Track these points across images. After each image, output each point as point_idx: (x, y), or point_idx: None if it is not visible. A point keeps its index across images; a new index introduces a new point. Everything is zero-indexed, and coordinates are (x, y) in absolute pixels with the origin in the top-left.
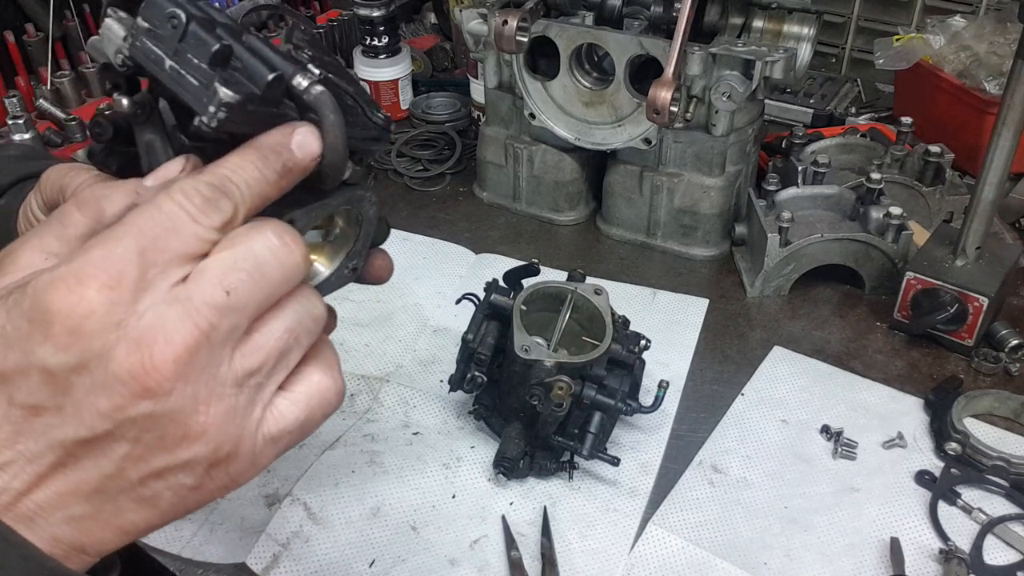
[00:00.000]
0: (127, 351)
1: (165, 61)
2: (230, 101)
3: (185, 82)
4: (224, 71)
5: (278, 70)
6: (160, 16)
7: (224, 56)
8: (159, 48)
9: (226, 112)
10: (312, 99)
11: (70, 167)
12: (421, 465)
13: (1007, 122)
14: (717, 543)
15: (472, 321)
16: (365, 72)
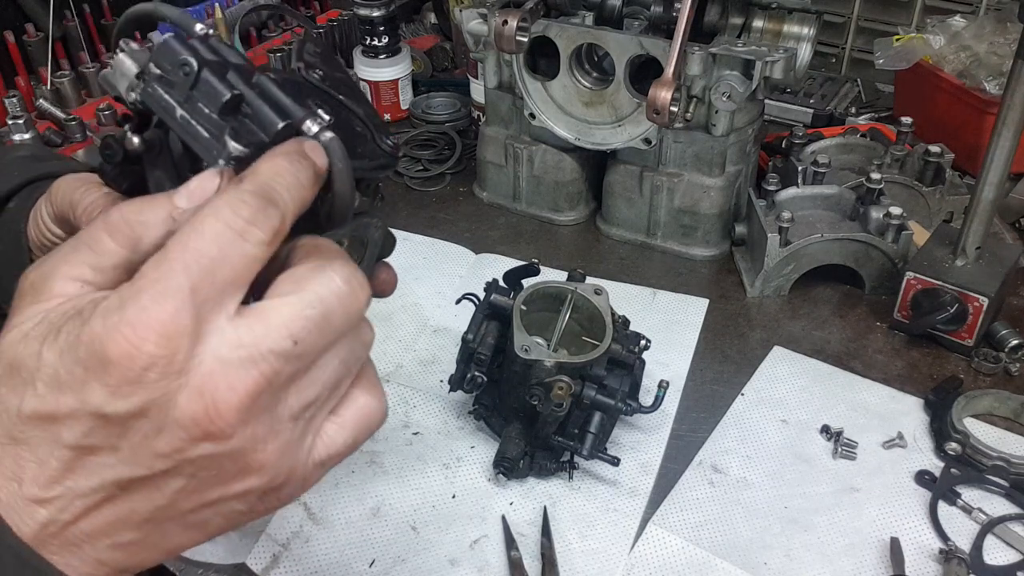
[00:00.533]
0: (189, 399)
1: (176, 110)
2: (240, 155)
3: (195, 132)
4: (235, 119)
5: (288, 116)
6: (172, 62)
7: (235, 105)
8: (170, 96)
9: (235, 165)
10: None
11: (81, 181)
12: (421, 465)
13: (1007, 122)
14: (717, 543)
15: (472, 321)
16: (365, 72)
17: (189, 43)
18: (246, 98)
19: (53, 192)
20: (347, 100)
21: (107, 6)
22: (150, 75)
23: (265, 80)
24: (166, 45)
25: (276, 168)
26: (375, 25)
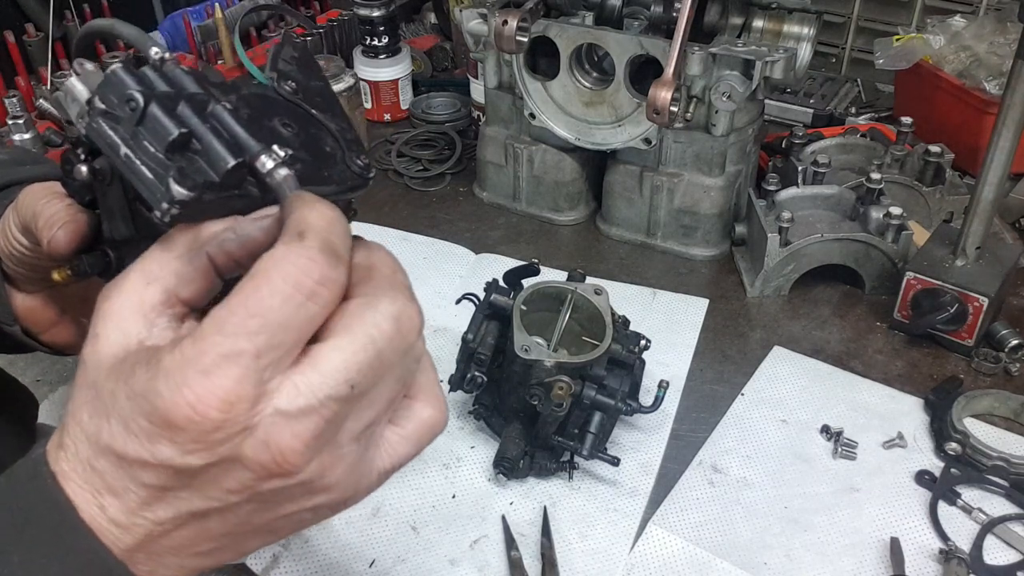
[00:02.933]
0: (255, 450)
1: (120, 148)
2: (183, 199)
3: (139, 171)
4: (182, 158)
5: (242, 152)
6: (119, 96)
7: (182, 144)
8: (115, 133)
9: (179, 209)
10: (275, 184)
11: (45, 192)
12: (421, 465)
13: (1007, 122)
14: (717, 543)
15: (472, 321)
16: (365, 72)
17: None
18: (196, 134)
19: (19, 202)
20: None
21: (107, 6)
22: (95, 109)
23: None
24: (113, 77)
25: (328, 218)
26: (375, 25)
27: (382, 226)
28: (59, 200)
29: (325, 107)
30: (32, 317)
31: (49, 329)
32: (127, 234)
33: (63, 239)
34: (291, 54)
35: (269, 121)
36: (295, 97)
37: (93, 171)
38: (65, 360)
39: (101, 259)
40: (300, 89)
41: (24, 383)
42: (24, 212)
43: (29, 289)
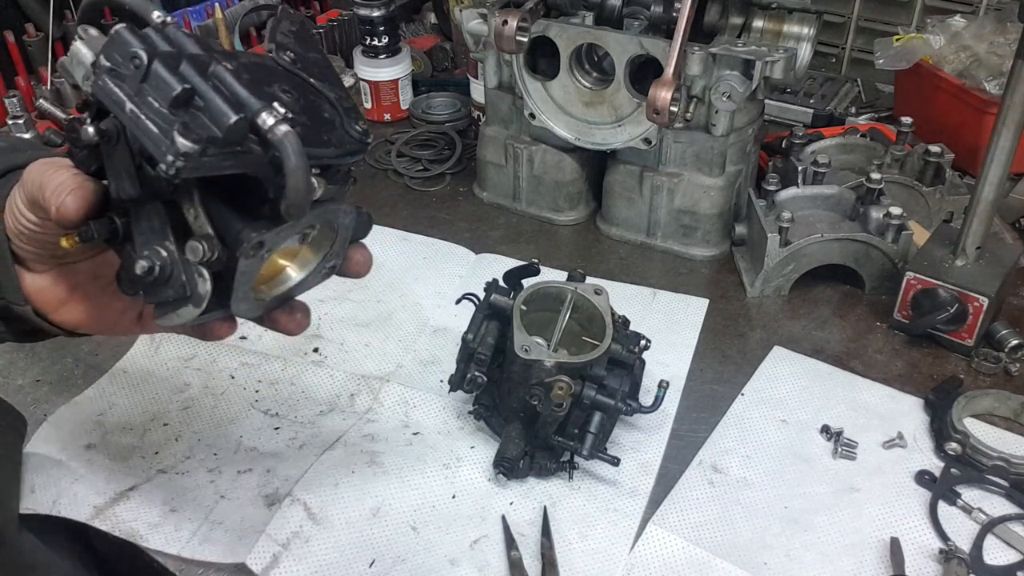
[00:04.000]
0: None
1: (126, 104)
2: (188, 151)
3: (144, 126)
4: (186, 113)
5: (243, 108)
6: (123, 54)
7: (185, 99)
8: (120, 89)
9: (184, 161)
10: (276, 140)
11: (49, 164)
12: (421, 465)
13: (1007, 122)
14: (717, 543)
15: (472, 321)
16: (365, 72)
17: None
18: (199, 91)
19: (24, 178)
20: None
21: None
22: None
23: (222, 71)
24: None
25: None
26: (375, 25)
27: (382, 226)
28: (65, 169)
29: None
30: (42, 297)
31: (59, 308)
32: (133, 194)
33: (72, 205)
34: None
35: (269, 87)
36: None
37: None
38: (64, 360)
39: (108, 225)
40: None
41: (23, 383)
42: (31, 186)
43: (38, 268)
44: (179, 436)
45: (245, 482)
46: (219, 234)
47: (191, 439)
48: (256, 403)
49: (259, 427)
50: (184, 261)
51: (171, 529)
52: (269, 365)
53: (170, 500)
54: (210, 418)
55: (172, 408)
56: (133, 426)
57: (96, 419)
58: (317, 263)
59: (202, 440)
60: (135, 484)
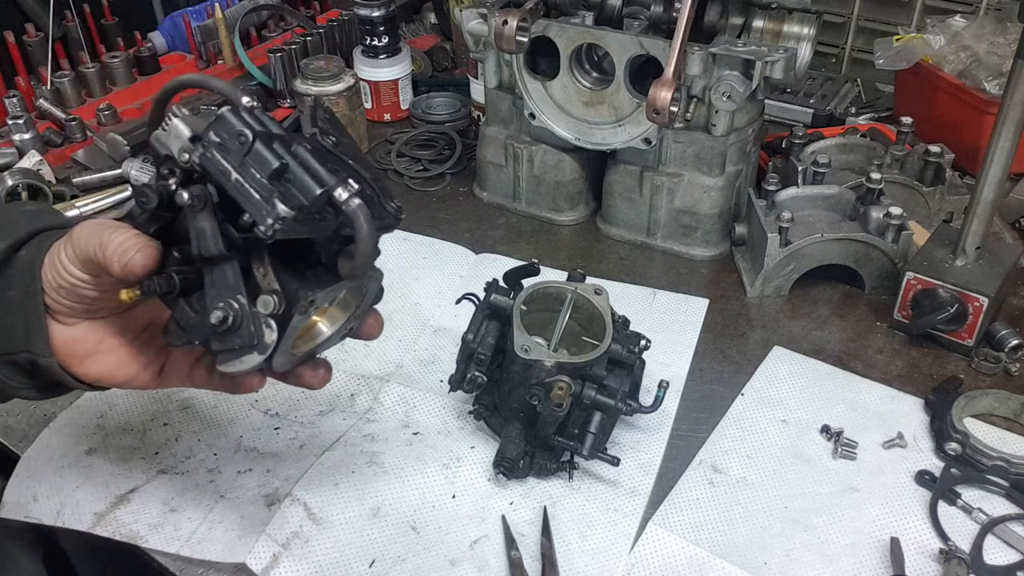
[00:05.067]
0: None
1: (231, 174)
2: (286, 216)
3: (247, 193)
4: (280, 184)
5: (324, 184)
6: (230, 132)
7: (280, 173)
8: (227, 161)
9: (281, 224)
10: (350, 211)
11: (101, 225)
12: (421, 465)
13: (1007, 122)
14: (717, 543)
15: (472, 321)
16: (365, 72)
17: (241, 115)
18: (290, 166)
19: (75, 237)
20: (356, 165)
21: (107, 6)
22: (209, 142)
23: (302, 150)
24: (225, 117)
25: None
26: (375, 25)
27: None
28: (123, 230)
29: (358, 160)
30: (69, 348)
31: (83, 361)
32: (215, 252)
33: (140, 262)
34: (323, 115)
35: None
36: (336, 150)
37: (192, 196)
38: None
39: (168, 280)
40: (338, 144)
41: None
42: (85, 245)
43: (69, 321)
44: (179, 436)
45: (245, 482)
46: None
47: (191, 439)
48: (256, 403)
49: (259, 427)
50: (254, 313)
51: (171, 529)
52: None
53: (170, 500)
54: (210, 418)
55: (172, 408)
56: (133, 427)
57: (97, 421)
58: (343, 323)
59: (202, 440)
60: (136, 486)
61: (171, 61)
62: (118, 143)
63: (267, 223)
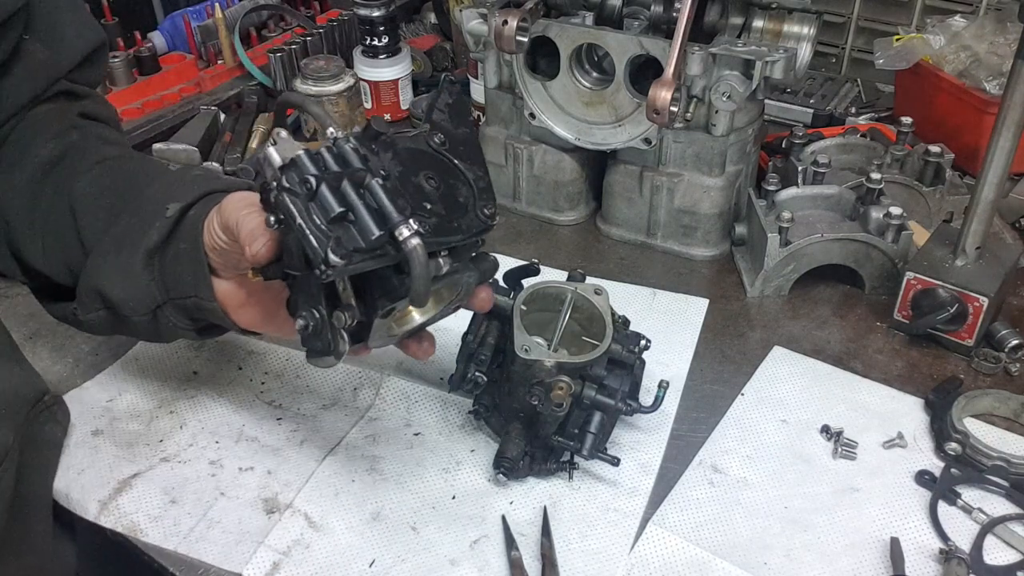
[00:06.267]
0: None
1: (296, 218)
2: (335, 264)
3: (307, 239)
4: (340, 228)
5: (386, 222)
6: (299, 176)
7: (340, 218)
8: (293, 205)
9: (332, 271)
10: (408, 250)
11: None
12: (421, 470)
13: (1007, 122)
14: (717, 543)
15: (472, 321)
16: (365, 72)
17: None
18: (353, 209)
19: (223, 207)
20: (461, 164)
21: (107, 6)
22: (281, 187)
23: (374, 185)
24: (297, 160)
25: None
26: (375, 25)
27: None
28: (258, 214)
29: (467, 155)
30: (225, 299)
31: (237, 310)
32: (298, 269)
33: (262, 253)
34: (446, 101)
35: (416, 176)
36: (442, 148)
37: (278, 220)
38: (65, 360)
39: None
40: (447, 139)
41: None
42: (228, 216)
43: (225, 275)
44: (184, 424)
45: (245, 481)
46: (360, 296)
47: (195, 427)
48: (261, 394)
49: (262, 417)
50: (331, 324)
51: (170, 523)
52: (275, 357)
53: (171, 491)
54: (215, 406)
55: (179, 396)
56: (140, 413)
57: (105, 404)
58: (440, 310)
59: (205, 428)
60: (138, 471)
61: (171, 61)
62: None
63: (320, 268)
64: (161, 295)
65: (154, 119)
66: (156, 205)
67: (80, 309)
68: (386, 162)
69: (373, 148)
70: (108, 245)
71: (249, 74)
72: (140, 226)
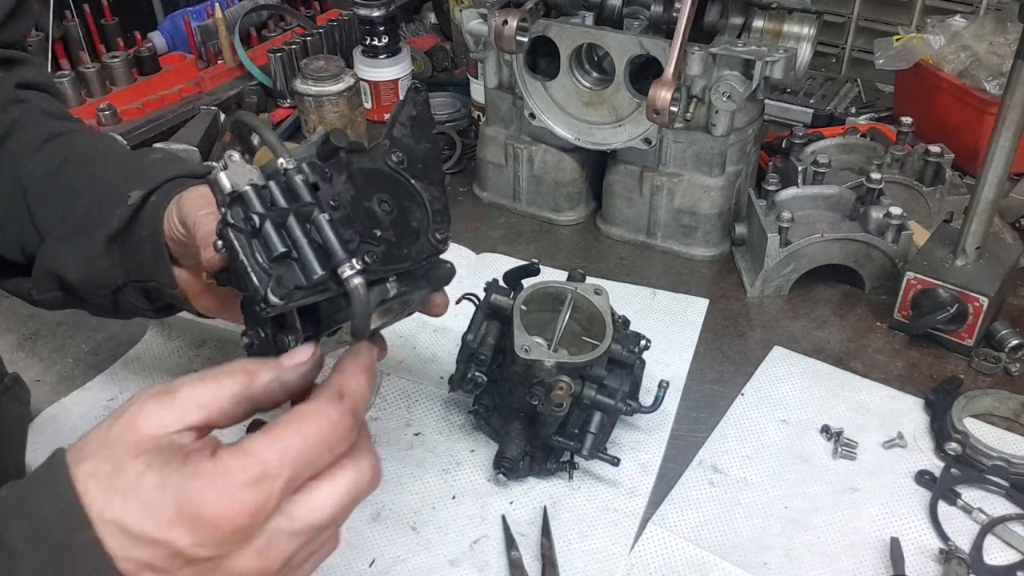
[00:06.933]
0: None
1: (239, 255)
2: (274, 303)
3: (248, 277)
4: (281, 266)
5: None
6: (243, 214)
7: (283, 257)
8: (236, 241)
9: (271, 310)
10: (349, 290)
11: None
12: (420, 471)
13: (1007, 122)
14: (717, 543)
15: (472, 321)
16: (365, 72)
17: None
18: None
19: (182, 202)
20: (418, 184)
21: (107, 6)
22: (224, 221)
23: (321, 220)
24: (244, 198)
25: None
26: (375, 25)
27: None
28: (213, 217)
29: (425, 174)
30: (185, 285)
31: (196, 296)
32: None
33: (214, 262)
34: (410, 113)
35: (368, 201)
36: (399, 168)
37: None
38: (65, 360)
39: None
40: (406, 156)
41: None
42: (186, 213)
43: (183, 263)
44: None
45: None
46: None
47: None
48: None
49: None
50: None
51: None
52: None
53: None
54: None
55: None
56: None
57: (106, 404)
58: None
59: None
60: None
61: (171, 61)
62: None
63: (260, 306)
64: (122, 278)
65: (154, 119)
66: (116, 191)
67: (35, 289)
68: (339, 186)
69: (327, 172)
70: (65, 229)
71: (249, 74)
72: (99, 211)
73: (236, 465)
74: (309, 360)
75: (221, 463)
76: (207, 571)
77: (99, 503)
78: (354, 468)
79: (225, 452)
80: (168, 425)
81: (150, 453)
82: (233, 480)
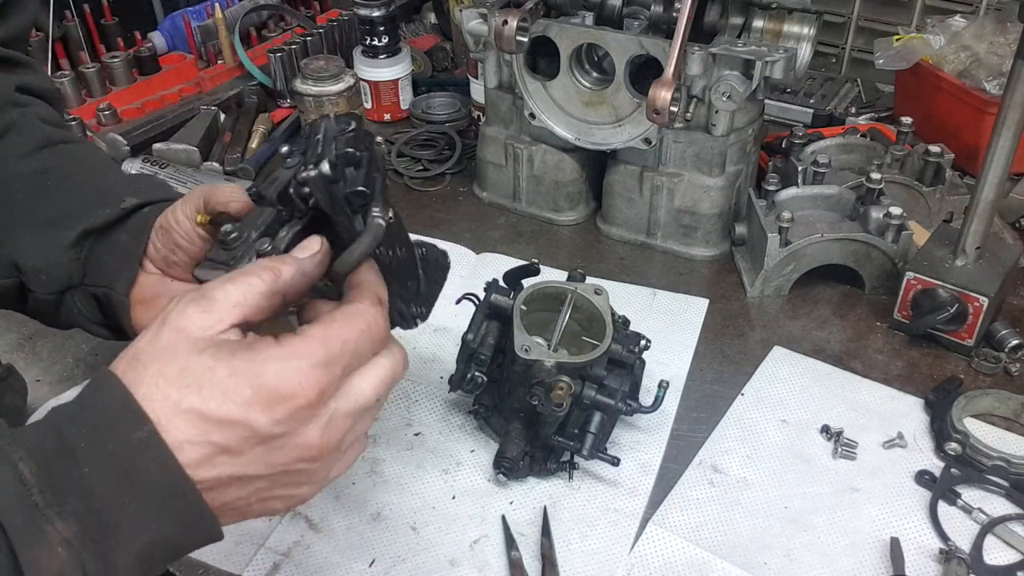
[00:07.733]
0: (314, 434)
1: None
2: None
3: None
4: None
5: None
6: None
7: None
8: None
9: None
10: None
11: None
12: (421, 465)
13: (1007, 122)
14: (717, 543)
15: (472, 321)
16: (365, 72)
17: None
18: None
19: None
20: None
21: (107, 6)
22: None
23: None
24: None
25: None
26: (375, 25)
27: None
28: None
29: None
30: (140, 289)
31: (141, 305)
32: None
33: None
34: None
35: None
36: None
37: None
38: (65, 360)
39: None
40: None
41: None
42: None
43: (150, 268)
44: None
45: None
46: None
47: None
48: None
49: None
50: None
51: None
52: None
53: None
54: None
55: None
56: None
57: None
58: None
59: None
60: None
61: (171, 61)
62: (118, 143)
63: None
64: (78, 276)
65: (154, 119)
66: (109, 193)
67: None
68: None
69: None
70: (41, 217)
71: (249, 74)
72: (84, 207)
73: (305, 349)
74: (321, 249)
75: (291, 347)
76: (276, 448)
77: (173, 398)
78: (389, 356)
79: (293, 338)
80: (213, 326)
81: (211, 349)
82: (304, 362)
